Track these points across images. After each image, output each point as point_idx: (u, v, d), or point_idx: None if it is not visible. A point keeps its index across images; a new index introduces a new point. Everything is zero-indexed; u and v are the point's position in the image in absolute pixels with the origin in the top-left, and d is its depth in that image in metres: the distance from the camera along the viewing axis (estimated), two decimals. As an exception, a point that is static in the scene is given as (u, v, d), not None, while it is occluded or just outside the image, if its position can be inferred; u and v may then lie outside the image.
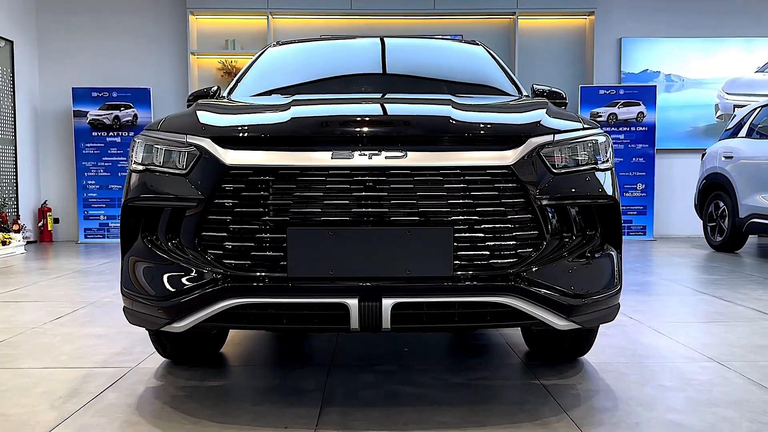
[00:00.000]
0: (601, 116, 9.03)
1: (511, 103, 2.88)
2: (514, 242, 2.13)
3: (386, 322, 2.05)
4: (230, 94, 3.46)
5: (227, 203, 2.12)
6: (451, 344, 3.26)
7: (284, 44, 4.14)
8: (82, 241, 8.99)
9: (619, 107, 9.03)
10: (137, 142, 2.41)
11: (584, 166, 2.30)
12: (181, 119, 2.45)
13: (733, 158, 7.29)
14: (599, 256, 2.29)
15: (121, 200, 8.65)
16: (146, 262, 2.26)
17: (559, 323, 2.17)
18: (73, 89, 8.91)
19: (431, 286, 2.07)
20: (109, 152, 8.98)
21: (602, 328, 3.20)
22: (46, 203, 9.18)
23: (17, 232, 7.79)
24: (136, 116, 8.98)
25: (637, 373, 2.77)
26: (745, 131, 7.38)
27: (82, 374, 2.77)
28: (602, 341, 3.19)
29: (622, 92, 9.06)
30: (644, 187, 9.07)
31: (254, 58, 3.92)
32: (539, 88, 3.48)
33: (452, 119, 2.25)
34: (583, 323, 2.24)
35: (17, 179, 8.78)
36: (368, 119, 2.24)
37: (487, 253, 2.10)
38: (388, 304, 2.04)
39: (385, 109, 2.45)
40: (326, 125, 2.26)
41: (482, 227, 2.10)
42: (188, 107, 3.38)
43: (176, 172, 2.22)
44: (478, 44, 4.13)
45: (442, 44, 4.30)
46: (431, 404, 2.39)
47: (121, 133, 8.99)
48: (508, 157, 2.14)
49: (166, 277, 2.18)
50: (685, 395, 2.48)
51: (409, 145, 2.12)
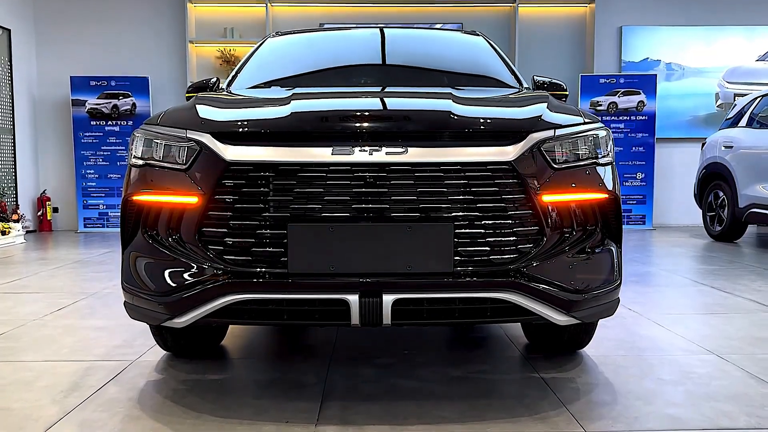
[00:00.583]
0: (601, 105, 9.01)
1: (511, 96, 2.87)
2: (514, 238, 2.13)
3: (386, 317, 2.06)
4: (230, 85, 3.45)
5: (228, 199, 2.12)
6: (450, 336, 3.27)
7: (284, 35, 4.11)
8: (81, 230, 8.99)
9: (619, 96, 9.00)
10: (137, 136, 2.41)
11: (585, 160, 2.30)
12: (180, 113, 2.44)
13: (733, 148, 7.29)
14: (599, 251, 2.29)
15: (120, 190, 8.60)
16: (147, 257, 2.26)
17: (559, 318, 2.17)
18: (71, 78, 8.87)
19: (431, 282, 2.07)
20: (107, 141, 8.96)
21: (601, 320, 3.21)
22: (45, 192, 9.17)
23: (16, 221, 7.78)
24: (134, 105, 8.95)
25: (635, 366, 2.78)
26: (745, 121, 7.37)
27: (83, 367, 2.78)
28: (602, 333, 3.20)
29: (622, 81, 9.03)
30: (644, 176, 9.06)
31: (254, 48, 3.90)
32: (540, 79, 3.47)
33: (453, 114, 2.24)
34: (583, 318, 2.25)
35: (16, 168, 8.77)
36: (368, 114, 2.23)
37: (487, 248, 2.10)
38: (388, 299, 2.04)
39: (385, 103, 2.44)
40: (326, 120, 2.25)
41: (483, 223, 2.10)
42: (187, 99, 3.38)
43: (176, 167, 2.22)
44: (478, 34, 4.11)
45: (442, 35, 4.28)
46: (431, 398, 2.40)
47: (119, 122, 8.97)
48: (508, 152, 2.14)
49: (166, 272, 2.19)
50: (683, 389, 2.49)
51: (409, 140, 2.11)
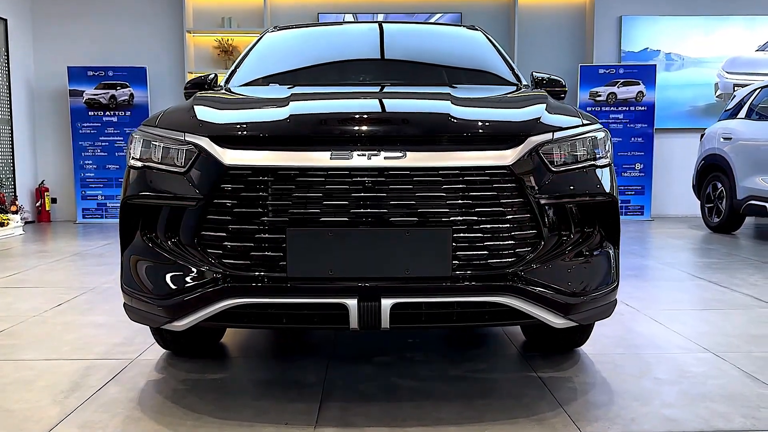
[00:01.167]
0: (600, 95, 8.99)
1: (509, 96, 2.87)
2: (512, 242, 2.14)
3: (385, 321, 2.07)
4: (228, 82, 3.44)
5: (226, 203, 2.12)
6: (449, 334, 3.29)
7: (282, 29, 4.10)
8: (80, 221, 8.98)
9: (618, 86, 8.97)
10: (135, 137, 2.40)
11: (583, 162, 2.30)
12: (178, 115, 2.43)
13: (731, 140, 7.28)
14: (597, 253, 2.30)
15: (118, 180, 8.57)
16: (146, 260, 2.27)
17: (556, 321, 2.19)
18: (68, 68, 8.82)
19: (430, 286, 2.08)
20: (105, 132, 8.93)
21: (599, 318, 3.23)
22: (43, 183, 9.15)
23: (15, 213, 7.78)
24: (132, 96, 8.91)
25: (632, 364, 2.80)
26: (744, 112, 7.36)
27: (83, 366, 2.79)
28: (599, 330, 3.21)
29: (621, 71, 9.00)
30: (642, 166, 9.06)
31: (252, 43, 3.88)
32: (538, 75, 3.46)
33: (451, 117, 2.24)
34: (580, 321, 2.27)
35: (14, 159, 8.75)
36: (367, 117, 2.23)
37: (485, 252, 2.11)
38: (387, 304, 2.05)
39: (383, 105, 2.43)
40: (325, 123, 2.25)
41: (481, 227, 2.10)
42: (185, 95, 3.38)
43: (175, 169, 2.22)
44: (476, 29, 4.10)
45: (440, 29, 4.27)
46: (429, 399, 2.42)
47: (117, 112, 8.93)
48: (507, 156, 2.14)
49: (166, 275, 2.19)
50: (679, 388, 2.51)
51: (408, 144, 2.11)
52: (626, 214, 9.06)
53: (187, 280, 2.15)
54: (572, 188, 2.24)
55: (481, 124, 2.25)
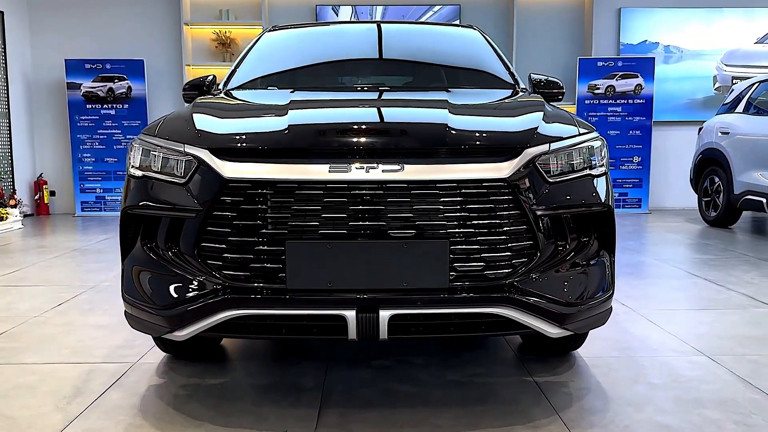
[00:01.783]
0: (598, 88, 8.99)
1: (506, 102, 2.88)
2: (508, 253, 2.17)
3: (383, 332, 2.10)
4: (227, 84, 3.45)
5: (226, 215, 2.14)
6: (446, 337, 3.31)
7: (281, 29, 4.10)
8: (78, 214, 9.00)
9: (617, 79, 8.97)
10: (135, 146, 2.42)
11: (579, 172, 2.32)
12: (178, 124, 2.44)
13: (729, 134, 7.29)
14: (593, 263, 2.33)
15: (116, 174, 8.55)
16: (147, 270, 2.29)
17: (552, 331, 2.22)
18: (65, 61, 8.80)
19: (428, 297, 2.11)
20: (103, 125, 8.92)
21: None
22: (41, 176, 9.16)
23: (14, 207, 7.79)
24: (130, 88, 8.89)
25: (627, 368, 2.84)
26: (742, 107, 7.37)
27: (85, 371, 2.82)
28: (594, 332, 3.22)
29: (620, 64, 8.99)
30: (640, 159, 9.08)
31: (251, 44, 3.89)
32: (536, 77, 3.48)
33: (448, 128, 2.25)
34: (575, 330, 2.30)
35: (12, 152, 8.74)
36: (365, 128, 2.24)
37: (482, 264, 2.14)
38: (385, 315, 2.08)
39: (381, 115, 2.44)
40: (323, 135, 2.26)
41: (478, 239, 2.13)
42: (184, 97, 3.39)
43: (175, 180, 2.24)
44: (474, 28, 4.12)
45: (438, 30, 4.29)
46: (427, 404, 2.45)
47: (115, 105, 8.92)
48: (504, 168, 2.16)
49: (166, 286, 2.22)
50: (673, 394, 2.55)
51: (405, 157, 2.13)
52: (624, 207, 9.09)
53: (187, 290, 2.18)
54: (568, 198, 2.26)
55: (478, 135, 2.27)
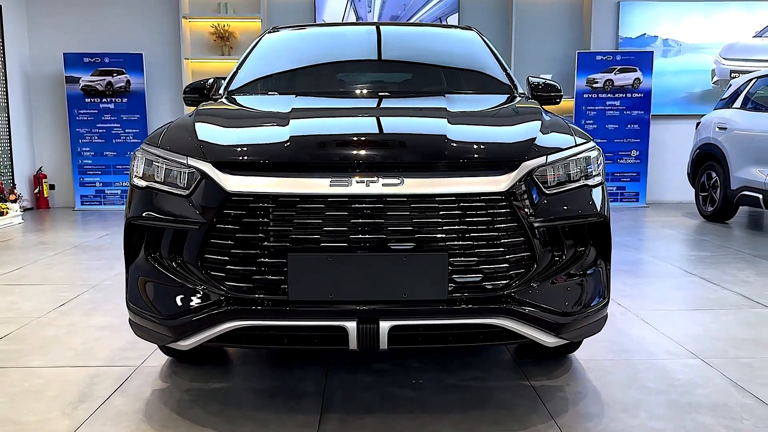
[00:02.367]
0: (597, 82, 9.00)
1: (504, 110, 2.92)
2: (506, 264, 2.21)
3: (383, 342, 2.15)
4: (228, 87, 3.47)
5: (229, 227, 2.18)
6: (445, 337, 3.37)
7: (281, 30, 4.12)
8: (78, 207, 9.03)
9: (615, 73, 8.98)
10: (138, 156, 2.45)
11: (576, 182, 2.36)
12: (181, 135, 2.47)
13: (726, 129, 7.33)
14: (589, 272, 2.37)
15: (116, 168, 8.57)
16: (151, 279, 2.33)
17: (548, 341, 2.26)
18: (64, 54, 8.79)
19: (427, 309, 2.15)
20: (102, 119, 8.93)
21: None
22: (41, 170, 9.18)
23: (14, 202, 7.82)
24: (129, 82, 8.89)
25: (622, 371, 2.89)
26: (740, 102, 7.39)
27: (89, 374, 2.87)
28: (591, 335, 3.30)
29: (619, 58, 9.00)
30: (638, 153, 9.11)
31: (251, 46, 3.91)
32: (534, 80, 3.51)
33: (447, 139, 2.28)
34: (571, 338, 2.35)
35: (11, 146, 8.76)
36: (365, 140, 2.28)
37: (480, 276, 2.18)
38: (385, 326, 2.12)
39: (381, 126, 2.47)
40: (324, 147, 2.30)
41: (476, 251, 2.17)
42: (185, 100, 3.43)
43: (178, 192, 2.27)
44: (472, 30, 4.15)
45: (436, 31, 4.31)
46: (426, 409, 2.50)
47: (114, 99, 8.92)
48: (501, 182, 2.19)
49: (170, 296, 2.26)
50: (667, 399, 2.60)
51: (405, 171, 2.17)
52: (621, 200, 9.14)
53: (191, 301, 2.22)
54: (565, 210, 2.30)
55: (476, 148, 2.30)
